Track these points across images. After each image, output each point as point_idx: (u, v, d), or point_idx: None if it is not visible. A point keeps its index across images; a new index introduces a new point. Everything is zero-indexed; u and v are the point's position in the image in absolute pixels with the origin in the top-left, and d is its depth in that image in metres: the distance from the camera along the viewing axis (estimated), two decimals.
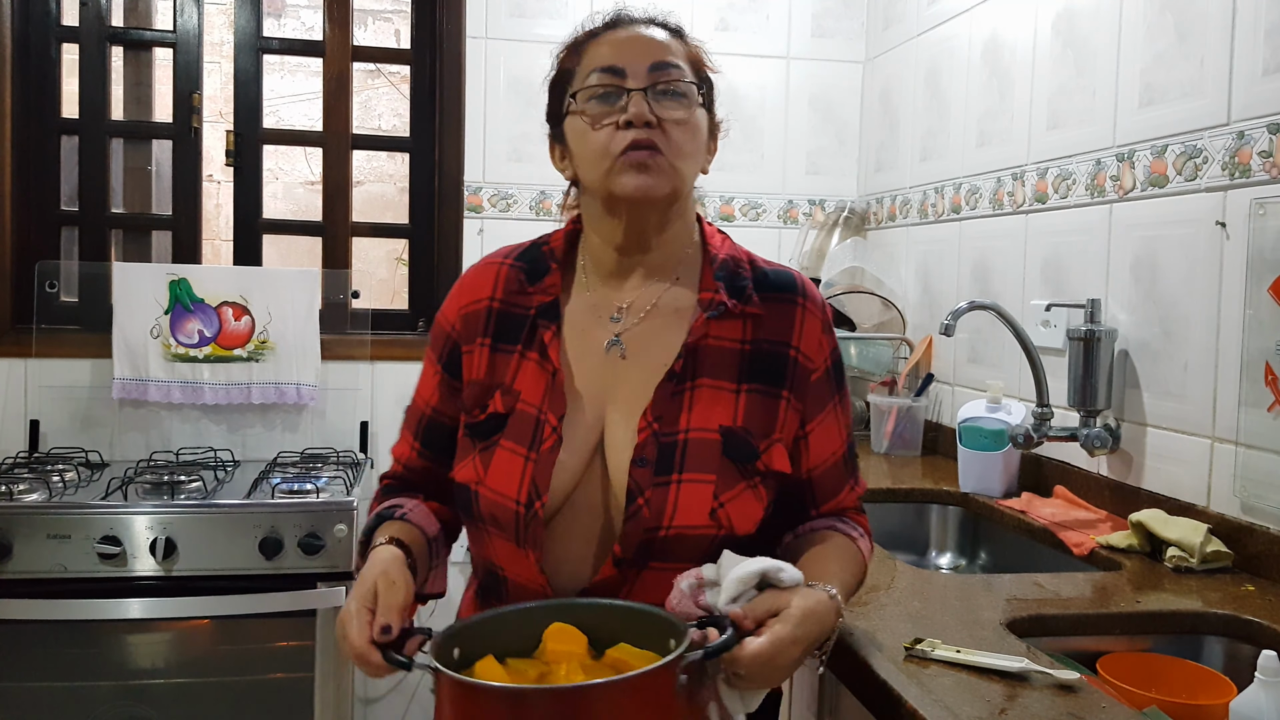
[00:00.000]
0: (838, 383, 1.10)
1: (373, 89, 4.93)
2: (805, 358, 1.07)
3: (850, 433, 1.13)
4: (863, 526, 1.12)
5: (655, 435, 1.02)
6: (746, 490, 1.02)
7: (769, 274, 1.12)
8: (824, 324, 1.10)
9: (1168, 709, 1.06)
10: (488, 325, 1.11)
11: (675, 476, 1.00)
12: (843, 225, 2.78)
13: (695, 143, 1.09)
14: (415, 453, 1.17)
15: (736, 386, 1.05)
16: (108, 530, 2.03)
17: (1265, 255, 1.40)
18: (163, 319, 2.50)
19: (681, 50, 1.10)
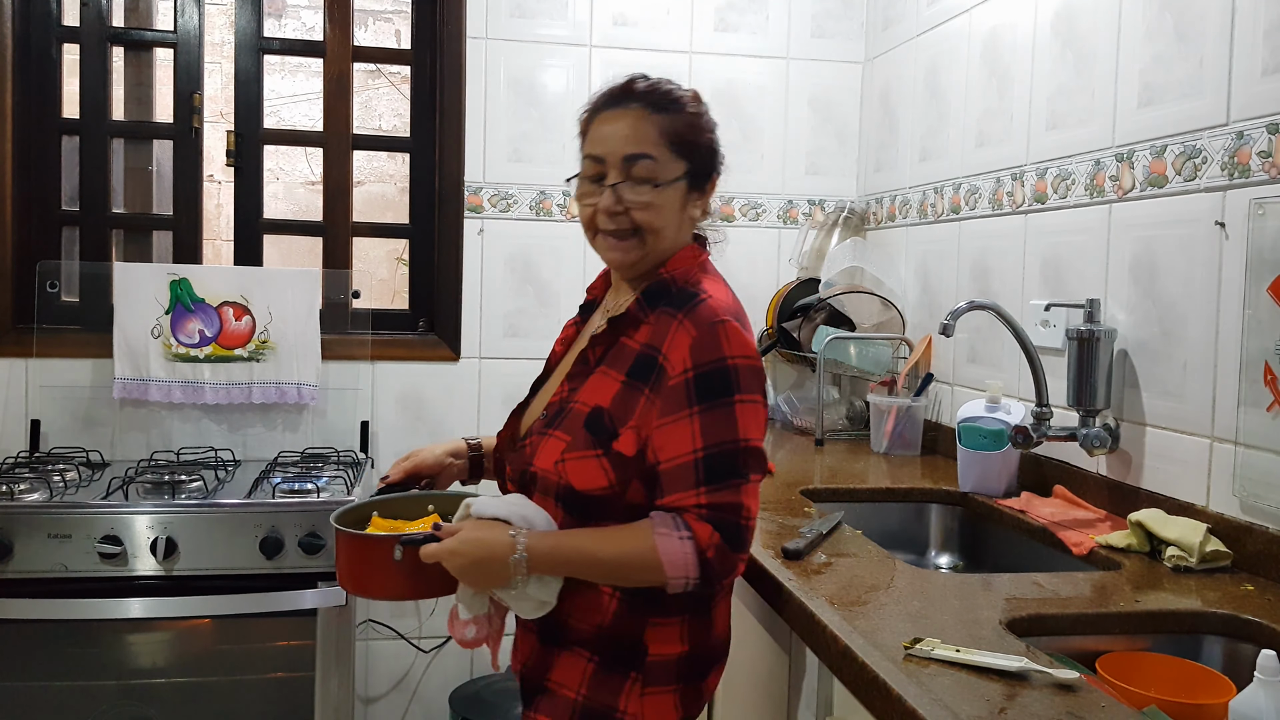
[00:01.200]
0: (700, 398, 1.21)
1: (373, 89, 4.93)
2: (669, 365, 1.24)
3: (711, 447, 1.21)
4: (694, 530, 1.19)
5: (560, 400, 1.33)
6: (591, 458, 1.25)
7: (677, 295, 1.29)
8: (694, 343, 1.23)
9: (1167, 708, 1.06)
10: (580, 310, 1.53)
11: (550, 431, 1.30)
12: (842, 225, 2.79)
13: (662, 218, 1.31)
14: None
15: (621, 377, 1.27)
16: (108, 530, 2.04)
17: (1264, 255, 1.40)
18: (163, 319, 2.50)
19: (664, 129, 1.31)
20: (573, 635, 1.28)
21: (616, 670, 1.27)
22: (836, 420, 2.57)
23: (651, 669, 1.27)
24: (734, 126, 2.80)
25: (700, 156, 1.35)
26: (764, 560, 1.41)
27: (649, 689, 1.27)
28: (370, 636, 2.67)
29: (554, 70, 2.71)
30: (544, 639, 1.32)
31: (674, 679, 1.28)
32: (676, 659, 1.28)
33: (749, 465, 1.22)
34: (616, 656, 1.27)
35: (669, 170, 1.31)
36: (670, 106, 1.33)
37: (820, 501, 1.84)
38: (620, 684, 1.27)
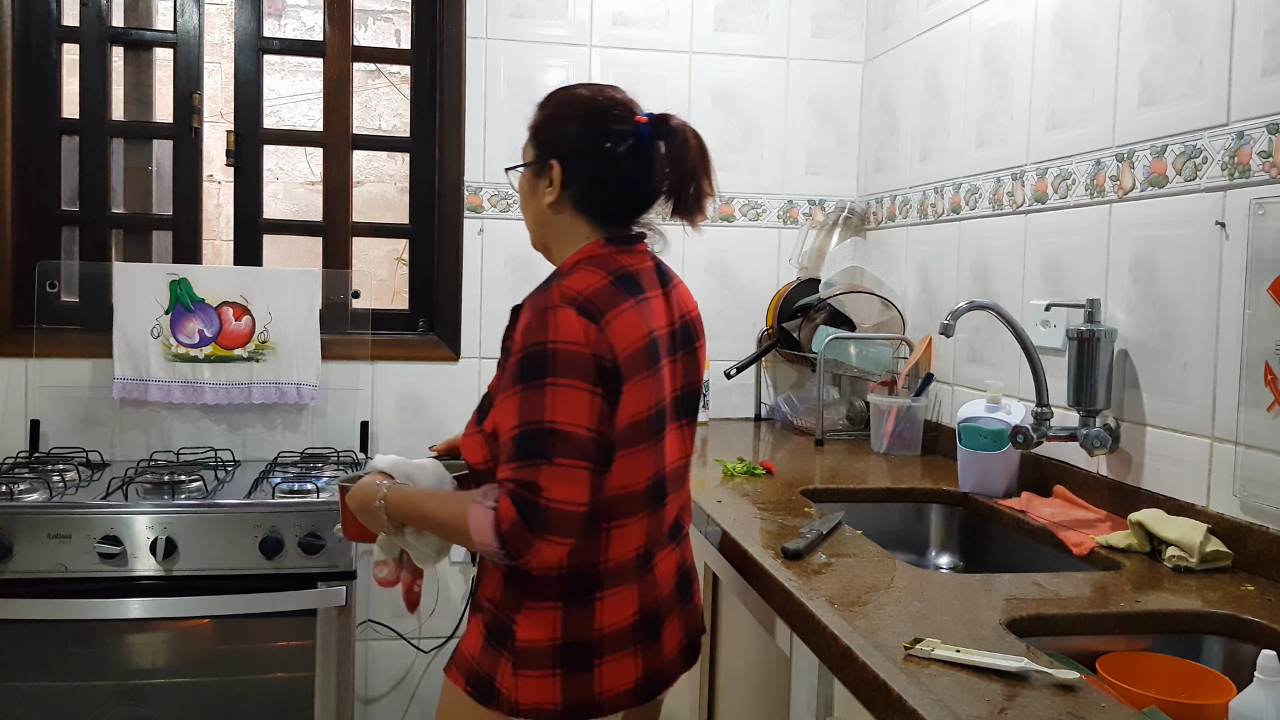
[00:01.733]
0: (522, 378, 1.27)
1: (373, 89, 4.93)
2: (514, 347, 1.31)
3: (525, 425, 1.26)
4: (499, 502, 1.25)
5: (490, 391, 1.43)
6: (476, 435, 1.38)
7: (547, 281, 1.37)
8: (526, 326, 1.29)
9: (1167, 709, 1.06)
10: None
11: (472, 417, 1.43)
12: (842, 225, 2.79)
13: (527, 214, 1.48)
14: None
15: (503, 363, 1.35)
16: (108, 530, 2.04)
17: (1265, 255, 1.40)
18: (163, 319, 2.50)
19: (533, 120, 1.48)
20: (478, 604, 1.41)
21: (494, 645, 1.36)
22: (836, 420, 2.57)
23: (522, 653, 1.32)
24: (734, 126, 2.80)
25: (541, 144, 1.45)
26: (764, 560, 1.41)
27: (521, 670, 1.32)
28: (370, 636, 2.66)
29: (554, 70, 2.71)
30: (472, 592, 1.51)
31: (551, 664, 1.32)
32: (549, 645, 1.32)
33: (555, 448, 1.24)
34: (495, 632, 1.36)
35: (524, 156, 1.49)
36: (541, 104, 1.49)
37: (820, 501, 1.84)
38: (498, 659, 1.35)
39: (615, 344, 1.29)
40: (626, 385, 1.30)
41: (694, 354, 1.49)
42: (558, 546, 1.25)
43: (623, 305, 1.32)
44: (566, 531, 1.25)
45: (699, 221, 1.44)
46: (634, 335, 1.32)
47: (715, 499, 1.77)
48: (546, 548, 1.24)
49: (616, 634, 1.37)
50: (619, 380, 1.30)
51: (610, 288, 1.33)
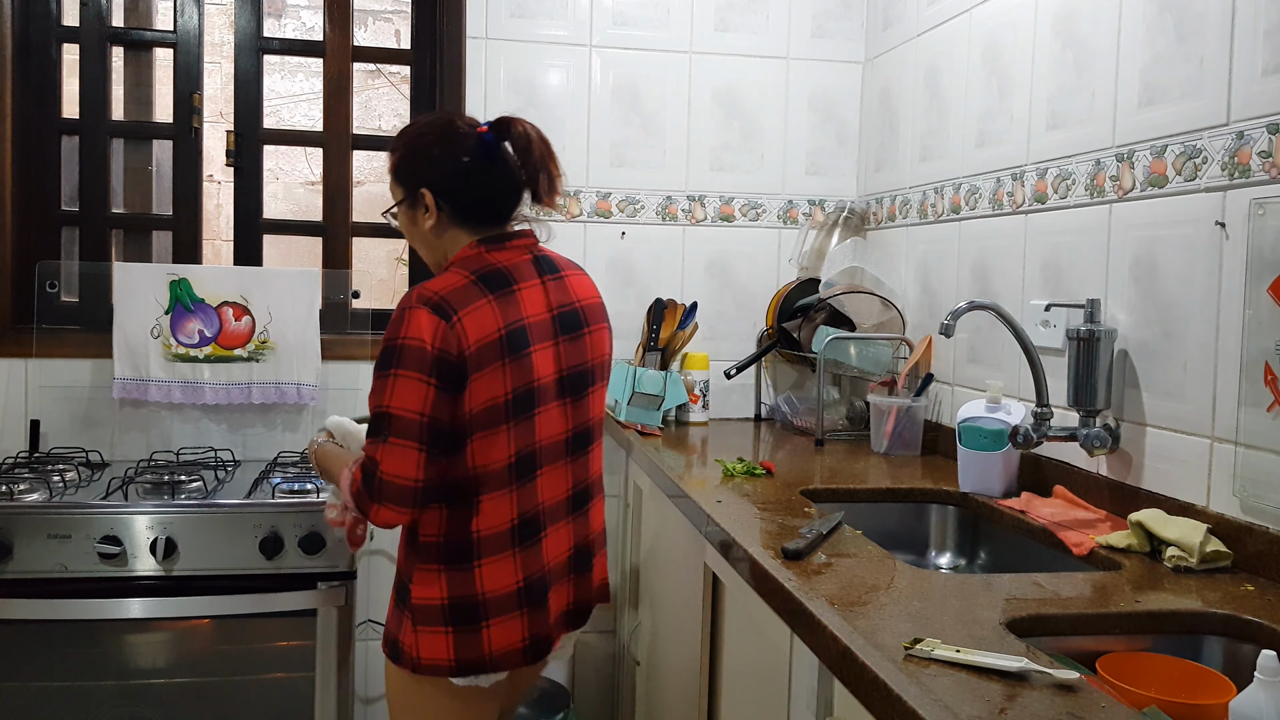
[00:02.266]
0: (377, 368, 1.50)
1: (373, 89, 4.94)
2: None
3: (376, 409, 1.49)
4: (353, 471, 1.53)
5: None
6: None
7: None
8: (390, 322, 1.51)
9: (1167, 709, 1.06)
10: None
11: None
12: (842, 225, 2.79)
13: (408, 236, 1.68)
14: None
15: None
16: (108, 530, 2.04)
17: (1265, 255, 1.40)
18: (163, 319, 2.50)
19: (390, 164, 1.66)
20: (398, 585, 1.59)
21: (399, 606, 1.57)
22: (836, 420, 2.57)
23: (417, 609, 1.53)
24: (734, 126, 2.81)
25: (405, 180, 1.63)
26: (764, 560, 1.41)
27: (420, 627, 1.53)
28: (370, 636, 2.67)
29: (554, 70, 2.71)
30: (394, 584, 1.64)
31: (442, 621, 1.52)
32: (440, 604, 1.52)
33: (390, 427, 1.46)
34: (400, 593, 1.57)
35: (394, 197, 1.66)
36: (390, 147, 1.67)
37: (820, 502, 1.84)
38: (401, 619, 1.56)
39: (465, 338, 1.47)
40: (475, 375, 1.48)
41: (582, 338, 1.65)
42: (396, 513, 1.49)
43: (478, 303, 1.50)
44: (401, 500, 1.47)
45: (556, 205, 1.66)
46: (487, 329, 1.49)
47: (715, 499, 1.77)
48: (385, 512, 1.48)
49: (500, 598, 1.54)
50: (464, 371, 1.47)
51: (468, 287, 1.51)
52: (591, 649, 2.81)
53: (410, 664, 1.54)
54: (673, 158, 2.78)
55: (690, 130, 2.78)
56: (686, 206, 2.79)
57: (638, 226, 2.77)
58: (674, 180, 2.79)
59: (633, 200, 2.76)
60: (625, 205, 2.75)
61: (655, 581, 2.32)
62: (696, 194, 2.80)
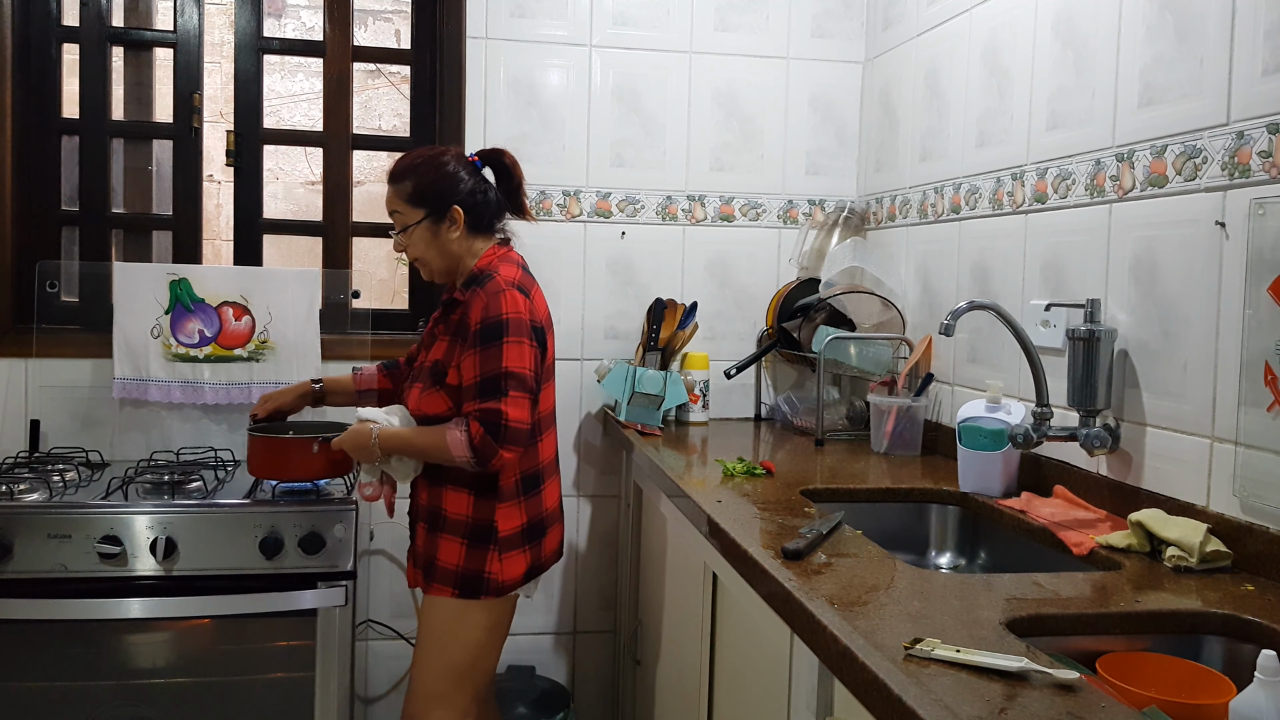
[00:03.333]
0: (482, 340, 1.84)
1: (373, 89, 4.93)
2: (470, 321, 1.86)
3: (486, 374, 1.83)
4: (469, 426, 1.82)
5: (420, 364, 2.00)
6: (434, 392, 1.91)
7: (480, 278, 1.92)
8: (484, 304, 1.85)
9: (1167, 708, 1.06)
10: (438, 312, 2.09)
11: (414, 383, 1.99)
12: (842, 225, 2.79)
13: (421, 251, 1.98)
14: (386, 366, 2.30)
15: (448, 339, 1.93)
16: (108, 530, 2.04)
17: (1265, 255, 1.40)
18: (163, 319, 2.50)
19: (400, 193, 1.94)
20: (447, 525, 1.93)
21: (478, 546, 1.91)
22: (836, 420, 2.57)
23: (503, 540, 1.92)
24: (734, 126, 2.81)
25: (432, 198, 1.93)
26: (764, 560, 1.41)
27: (504, 554, 1.92)
28: (370, 636, 2.67)
29: (554, 70, 2.71)
30: (430, 528, 1.95)
31: (521, 543, 1.94)
32: (520, 529, 1.94)
33: (509, 384, 1.82)
34: (478, 535, 1.92)
35: (410, 218, 1.94)
36: (398, 175, 1.95)
37: (820, 501, 1.84)
38: (484, 555, 1.91)
39: (537, 311, 1.92)
40: (548, 338, 1.95)
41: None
42: (514, 453, 1.85)
43: (535, 286, 1.97)
44: (519, 441, 1.85)
45: (532, 217, 2.11)
46: (543, 305, 1.98)
47: (715, 499, 1.77)
48: (507, 454, 1.83)
49: (553, 511, 2.04)
50: (544, 335, 1.93)
51: (525, 274, 1.97)
52: (591, 649, 2.81)
53: (495, 589, 1.91)
54: (673, 158, 2.78)
55: (690, 130, 2.78)
56: (686, 206, 2.79)
57: (638, 226, 2.77)
58: (674, 180, 2.79)
59: (633, 200, 2.76)
60: (625, 205, 2.75)
61: (655, 581, 2.32)
62: (696, 194, 2.80)
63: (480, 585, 1.91)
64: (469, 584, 1.91)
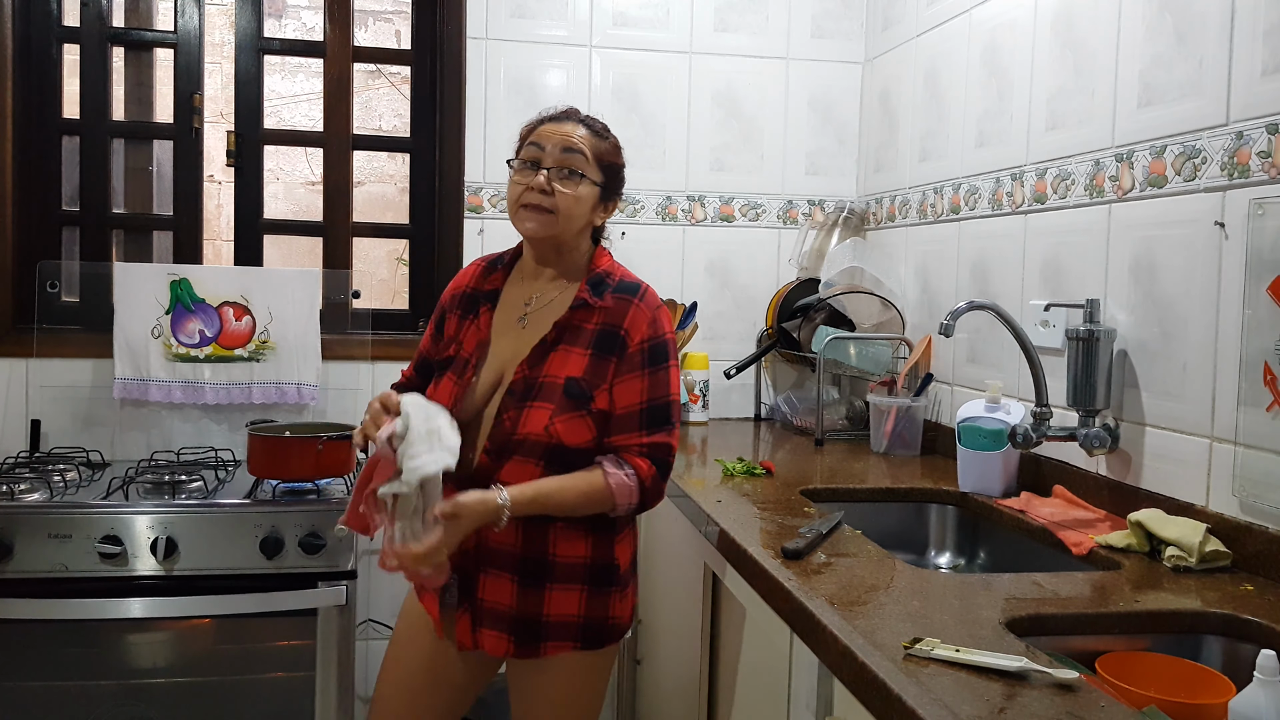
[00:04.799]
0: (650, 362, 1.56)
1: (373, 89, 4.93)
2: (630, 337, 1.56)
3: (655, 399, 1.56)
4: (635, 466, 1.53)
5: (524, 377, 1.56)
6: (576, 418, 1.53)
7: (624, 283, 1.63)
8: (651, 320, 1.58)
9: (1166, 708, 1.06)
10: (459, 303, 1.71)
11: (529, 403, 1.54)
12: (842, 225, 2.79)
13: (578, 208, 1.60)
14: (410, 375, 1.78)
15: (585, 351, 1.56)
16: (109, 530, 2.04)
17: (1264, 255, 1.40)
18: (164, 319, 2.50)
19: (594, 145, 1.61)
20: (559, 572, 1.55)
21: (601, 590, 1.58)
22: (836, 420, 2.57)
23: (623, 577, 1.62)
24: (734, 126, 2.81)
25: (613, 178, 1.65)
26: (764, 560, 1.41)
27: (626, 591, 1.63)
28: (370, 636, 2.67)
29: (554, 70, 2.71)
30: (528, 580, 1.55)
31: (634, 575, 1.67)
32: (632, 560, 1.65)
33: (676, 415, 1.58)
34: (600, 578, 1.58)
35: (590, 173, 1.61)
36: (602, 133, 1.65)
37: (820, 501, 1.84)
38: (607, 599, 1.59)
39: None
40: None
41: None
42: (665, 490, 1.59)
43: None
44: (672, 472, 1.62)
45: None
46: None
47: (715, 499, 1.77)
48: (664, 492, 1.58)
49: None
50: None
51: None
52: None
53: (620, 633, 1.63)
54: (672, 158, 2.78)
55: (690, 130, 2.78)
56: (686, 207, 2.80)
57: (638, 226, 2.77)
58: (674, 180, 2.79)
59: (632, 200, 2.76)
60: (625, 205, 2.75)
61: (655, 581, 2.32)
62: (696, 194, 2.80)
63: (606, 633, 1.60)
64: (593, 634, 1.58)
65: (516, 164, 1.62)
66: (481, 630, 1.56)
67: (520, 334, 1.61)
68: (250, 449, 2.20)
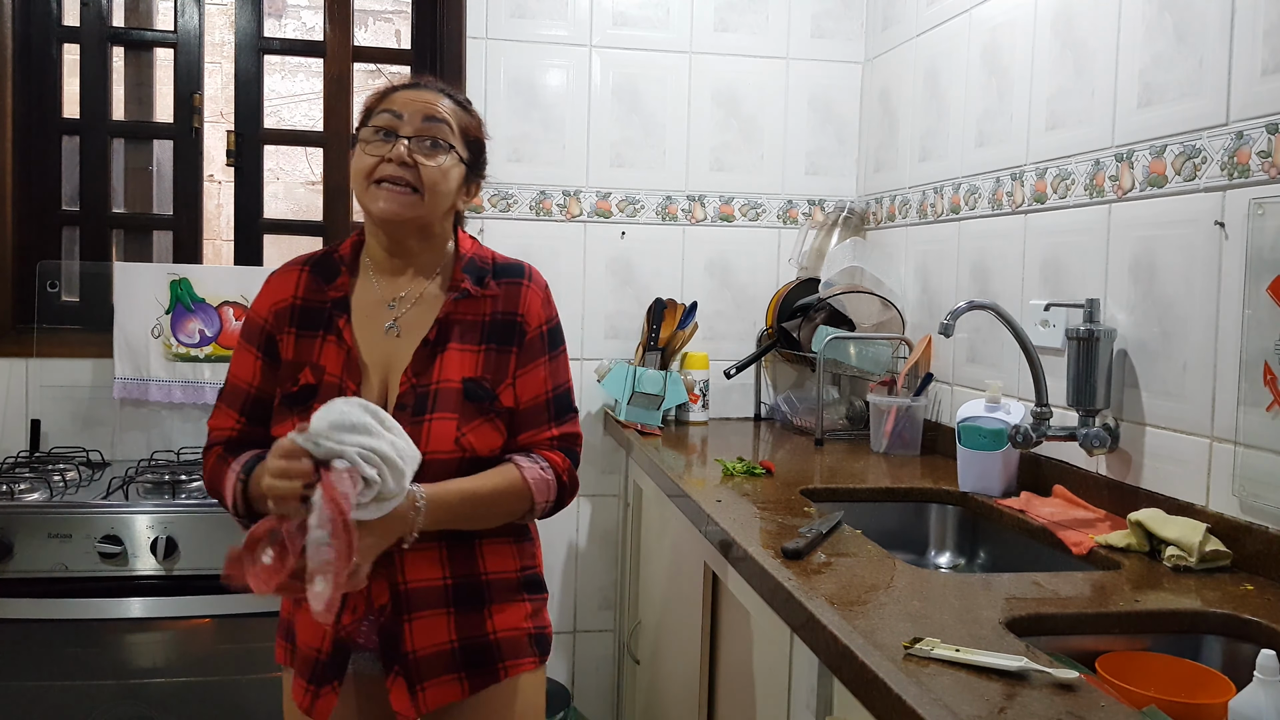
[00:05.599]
0: (551, 346, 1.46)
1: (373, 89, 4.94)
2: (527, 322, 1.44)
3: (558, 388, 1.46)
4: (549, 460, 1.42)
5: (413, 387, 1.37)
6: (484, 423, 1.38)
7: (505, 266, 1.48)
8: (544, 300, 1.47)
9: (1166, 708, 1.06)
10: (292, 318, 1.43)
11: (426, 416, 1.35)
12: (842, 225, 2.79)
13: (445, 184, 1.41)
14: (238, 424, 1.45)
15: (479, 347, 1.41)
16: (109, 530, 2.04)
17: (1264, 255, 1.40)
18: (164, 318, 2.50)
19: (458, 116, 1.45)
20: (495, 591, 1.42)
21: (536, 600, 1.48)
22: (836, 420, 2.57)
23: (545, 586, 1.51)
24: (734, 126, 2.81)
25: (477, 155, 1.49)
26: (763, 560, 1.41)
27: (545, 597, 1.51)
28: None
29: (554, 70, 2.71)
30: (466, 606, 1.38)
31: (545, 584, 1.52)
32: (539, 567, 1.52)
33: (574, 400, 1.49)
34: (531, 587, 1.48)
35: (458, 147, 1.43)
36: (466, 105, 1.49)
37: (820, 501, 1.84)
38: (542, 607, 1.49)
39: None
40: None
41: None
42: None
43: None
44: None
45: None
46: None
47: (715, 498, 1.77)
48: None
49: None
50: None
51: None
52: (591, 648, 2.81)
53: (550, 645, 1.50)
54: (672, 158, 2.78)
55: (690, 130, 2.78)
56: (686, 206, 2.80)
57: (638, 226, 2.77)
58: (674, 180, 2.79)
59: (632, 200, 2.76)
60: (625, 205, 2.76)
61: (655, 581, 2.32)
62: (696, 194, 2.80)
63: (547, 643, 1.50)
64: (544, 644, 1.48)
65: (366, 133, 1.40)
66: (424, 686, 1.34)
67: (393, 341, 1.41)
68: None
